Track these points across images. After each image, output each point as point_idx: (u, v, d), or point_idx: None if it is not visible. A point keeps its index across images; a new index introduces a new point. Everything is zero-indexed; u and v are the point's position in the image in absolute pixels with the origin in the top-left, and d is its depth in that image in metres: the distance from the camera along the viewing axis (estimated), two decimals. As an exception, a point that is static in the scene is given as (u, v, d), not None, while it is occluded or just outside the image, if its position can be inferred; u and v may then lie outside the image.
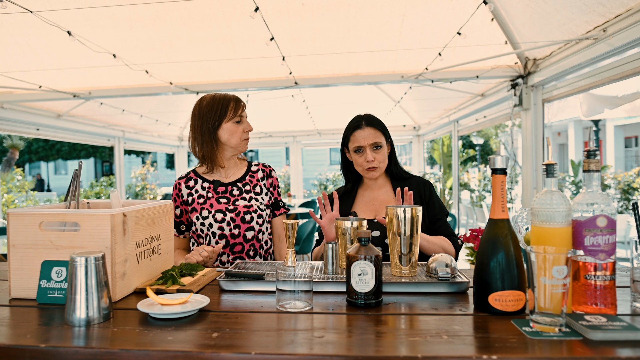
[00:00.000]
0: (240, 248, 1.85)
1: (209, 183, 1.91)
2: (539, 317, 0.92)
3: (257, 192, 1.94)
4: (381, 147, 1.84)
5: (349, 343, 0.89)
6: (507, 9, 3.45)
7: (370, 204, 1.91)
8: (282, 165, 19.03)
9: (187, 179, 1.94)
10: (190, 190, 1.91)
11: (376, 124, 1.86)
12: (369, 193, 1.94)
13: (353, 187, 1.98)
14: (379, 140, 1.84)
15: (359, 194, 1.96)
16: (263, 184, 1.98)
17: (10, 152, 14.69)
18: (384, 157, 1.86)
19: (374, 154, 1.84)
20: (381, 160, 1.85)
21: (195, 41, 4.13)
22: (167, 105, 7.41)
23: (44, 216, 1.20)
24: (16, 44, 3.96)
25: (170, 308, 1.06)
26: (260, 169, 2.01)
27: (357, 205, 1.93)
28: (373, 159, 1.83)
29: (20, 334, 0.96)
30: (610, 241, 1.01)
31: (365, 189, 1.96)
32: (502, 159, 1.08)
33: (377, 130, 1.85)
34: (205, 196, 1.89)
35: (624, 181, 9.77)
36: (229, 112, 1.84)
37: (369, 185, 1.95)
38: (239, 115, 1.86)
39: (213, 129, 1.84)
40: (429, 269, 1.30)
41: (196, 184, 1.92)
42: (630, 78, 3.12)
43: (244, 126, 1.88)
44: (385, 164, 1.88)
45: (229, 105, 1.85)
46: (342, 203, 1.95)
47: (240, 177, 1.95)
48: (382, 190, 1.92)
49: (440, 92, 5.97)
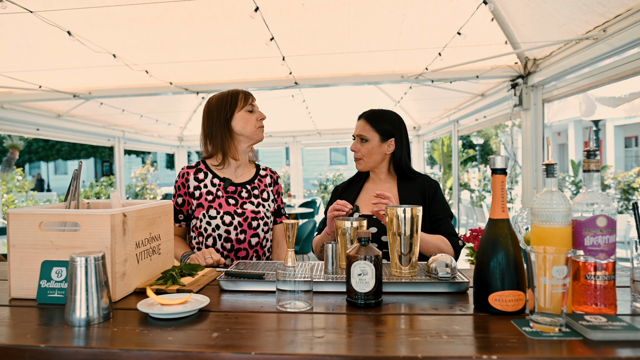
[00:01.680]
0: (245, 254, 1.84)
1: (219, 180, 1.87)
2: (539, 317, 0.92)
3: (265, 199, 1.92)
4: (367, 140, 1.87)
5: (349, 343, 0.89)
6: (507, 9, 3.45)
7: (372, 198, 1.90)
8: (282, 165, 19.03)
9: (197, 169, 1.89)
10: (198, 183, 1.86)
11: (370, 119, 1.89)
12: (373, 186, 1.95)
13: (361, 178, 2.01)
14: (365, 133, 1.87)
15: (364, 187, 1.98)
16: (270, 190, 1.97)
17: (10, 152, 14.69)
18: (369, 151, 1.87)
19: (358, 145, 1.90)
20: (365, 153, 1.88)
21: (195, 41, 4.13)
22: (167, 105, 7.41)
23: (44, 216, 1.20)
24: (16, 44, 3.96)
25: (170, 308, 1.06)
26: (269, 174, 2.00)
27: (360, 198, 1.95)
28: (356, 150, 1.90)
29: (20, 334, 0.96)
30: (610, 241, 1.01)
31: (370, 183, 1.98)
32: (502, 159, 1.08)
33: (367, 124, 1.88)
34: (214, 193, 1.85)
35: (624, 181, 9.77)
36: (240, 102, 1.85)
37: (373, 179, 1.97)
38: (250, 104, 1.86)
39: (226, 120, 1.84)
40: (429, 269, 1.30)
41: (206, 177, 1.87)
42: (630, 78, 3.12)
43: (256, 115, 1.87)
44: (371, 158, 1.89)
45: (238, 96, 1.86)
46: (347, 193, 1.97)
47: (250, 179, 1.93)
48: (386, 185, 1.93)
49: (440, 92, 5.98)
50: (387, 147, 1.89)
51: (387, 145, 1.89)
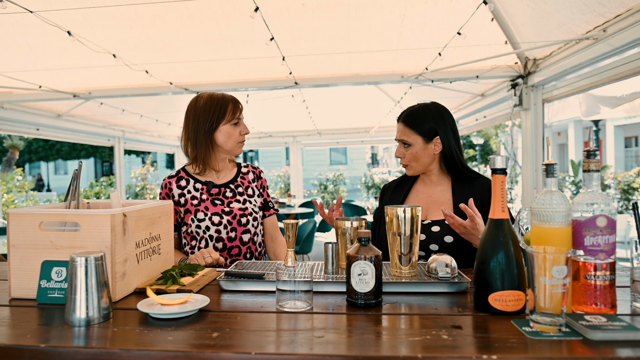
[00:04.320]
0: (237, 251, 1.84)
1: (201, 184, 1.87)
2: (539, 317, 0.92)
3: (250, 195, 1.92)
4: (409, 145, 1.75)
5: (349, 343, 0.89)
6: (507, 9, 3.45)
7: (423, 201, 1.80)
8: (282, 165, 19.03)
9: (178, 178, 1.88)
10: (182, 190, 1.86)
11: (407, 121, 1.76)
12: (424, 189, 1.83)
13: (410, 178, 1.88)
14: (406, 138, 1.75)
15: (414, 188, 1.86)
16: (254, 185, 1.97)
17: (10, 152, 14.68)
18: (414, 155, 1.75)
19: (402, 150, 1.77)
20: (411, 158, 1.76)
21: (195, 41, 4.13)
22: (167, 105, 7.40)
23: (44, 216, 1.20)
24: (16, 44, 3.96)
25: (170, 308, 1.06)
26: (251, 170, 2.00)
27: (409, 199, 1.83)
28: (401, 155, 1.78)
29: (20, 334, 0.96)
30: (610, 241, 1.01)
31: (420, 184, 1.85)
32: (502, 159, 1.08)
33: (406, 127, 1.75)
34: (199, 198, 1.84)
35: (624, 181, 9.76)
36: (227, 114, 1.80)
37: (424, 180, 1.84)
38: (236, 118, 1.82)
39: (209, 130, 1.80)
40: (429, 269, 1.30)
41: (188, 184, 1.87)
42: (630, 78, 3.12)
43: (240, 129, 1.84)
44: (419, 162, 1.76)
45: (227, 107, 1.80)
46: (395, 194, 1.87)
47: (232, 178, 1.93)
48: (438, 188, 1.80)
49: (440, 92, 5.97)
50: (433, 147, 1.74)
51: (434, 145, 1.74)
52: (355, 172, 22.29)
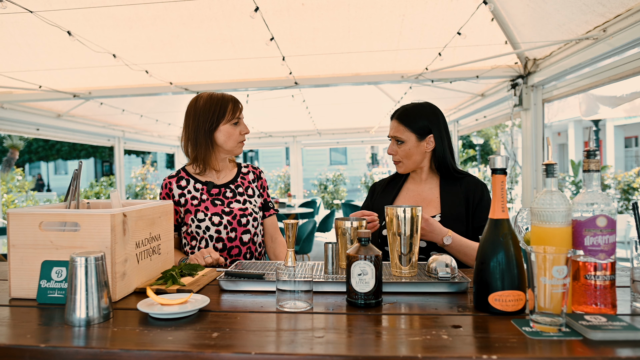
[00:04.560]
0: (237, 251, 1.84)
1: (201, 184, 1.87)
2: (539, 317, 0.92)
3: (250, 195, 1.92)
4: (402, 142, 1.77)
5: (349, 343, 0.89)
6: (507, 9, 3.45)
7: (413, 199, 1.82)
8: (282, 165, 19.03)
9: (178, 178, 1.89)
10: (182, 190, 1.86)
11: (402, 118, 1.78)
12: (414, 187, 1.86)
13: (401, 177, 1.91)
14: (399, 135, 1.77)
15: (404, 187, 1.88)
16: (255, 185, 1.96)
17: (10, 152, 14.69)
18: (406, 152, 1.77)
19: (395, 147, 1.79)
20: (403, 155, 1.78)
21: (195, 41, 4.13)
22: (167, 105, 7.40)
23: (44, 216, 1.20)
24: (16, 44, 3.96)
25: (170, 308, 1.06)
26: (251, 170, 1.99)
27: (399, 198, 1.85)
28: (394, 152, 1.80)
29: (20, 334, 0.96)
30: (610, 241, 1.01)
31: (410, 182, 1.88)
32: (502, 159, 1.08)
33: (400, 124, 1.77)
34: (199, 198, 1.84)
35: (624, 181, 9.76)
36: (227, 114, 1.80)
37: (414, 179, 1.87)
38: (236, 117, 1.82)
39: (210, 130, 1.80)
40: (429, 269, 1.30)
41: (188, 184, 1.87)
42: (630, 78, 3.12)
43: (240, 128, 1.84)
44: (410, 160, 1.78)
45: (227, 107, 1.81)
46: (385, 193, 1.89)
47: (232, 178, 1.93)
48: (427, 186, 1.83)
49: (440, 92, 5.97)
50: (426, 145, 1.77)
51: (426, 142, 1.77)
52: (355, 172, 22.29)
